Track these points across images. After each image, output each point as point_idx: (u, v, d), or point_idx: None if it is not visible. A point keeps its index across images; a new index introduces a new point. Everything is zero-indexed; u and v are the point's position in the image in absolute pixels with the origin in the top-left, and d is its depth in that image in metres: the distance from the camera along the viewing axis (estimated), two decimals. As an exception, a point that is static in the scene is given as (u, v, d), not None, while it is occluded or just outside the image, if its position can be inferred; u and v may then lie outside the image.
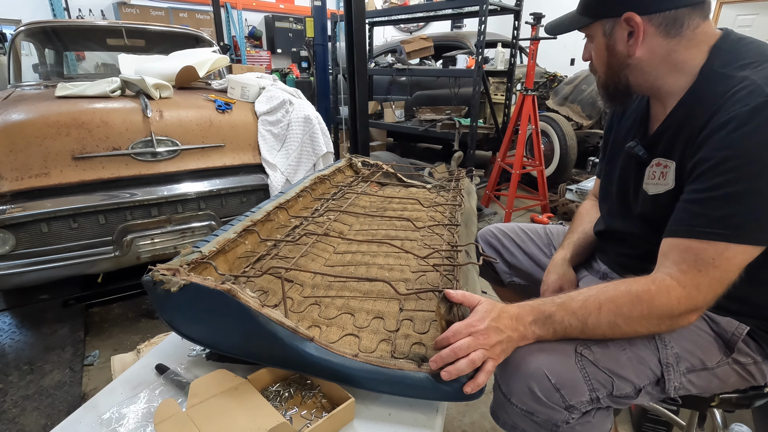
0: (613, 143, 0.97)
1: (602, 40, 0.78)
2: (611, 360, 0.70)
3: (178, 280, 0.69)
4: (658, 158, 0.78)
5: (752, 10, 5.95)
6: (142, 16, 5.81)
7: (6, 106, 1.65)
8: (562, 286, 0.97)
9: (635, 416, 1.41)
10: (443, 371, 0.62)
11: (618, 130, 0.96)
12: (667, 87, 0.76)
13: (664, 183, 0.76)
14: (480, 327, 0.64)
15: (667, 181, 0.76)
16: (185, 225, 1.84)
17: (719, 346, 0.75)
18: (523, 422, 0.71)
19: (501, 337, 0.65)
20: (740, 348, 0.75)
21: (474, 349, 0.63)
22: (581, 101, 4.08)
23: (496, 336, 0.65)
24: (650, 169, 0.80)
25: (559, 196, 3.47)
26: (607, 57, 0.78)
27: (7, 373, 1.61)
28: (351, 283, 0.88)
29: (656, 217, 0.78)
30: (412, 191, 1.47)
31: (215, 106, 1.96)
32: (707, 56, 0.72)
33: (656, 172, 0.78)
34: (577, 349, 0.70)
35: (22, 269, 1.58)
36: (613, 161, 0.95)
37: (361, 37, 2.20)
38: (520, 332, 0.68)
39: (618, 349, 0.71)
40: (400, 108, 4.39)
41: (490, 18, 3.31)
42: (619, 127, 0.96)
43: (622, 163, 0.91)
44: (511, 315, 0.68)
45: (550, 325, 0.69)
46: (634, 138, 0.86)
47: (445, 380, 0.62)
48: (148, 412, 0.66)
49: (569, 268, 0.99)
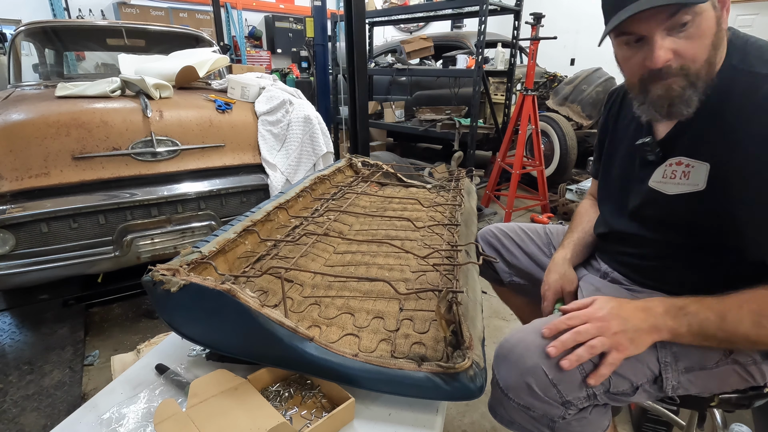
0: (610, 144, 0.96)
1: (712, 13, 0.66)
2: None
3: (178, 280, 0.69)
4: (679, 157, 0.74)
5: (752, 10, 5.94)
6: (142, 16, 5.81)
7: (6, 106, 1.65)
8: (563, 286, 0.97)
9: (635, 416, 1.41)
10: (563, 360, 0.62)
11: (615, 130, 0.95)
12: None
13: (687, 183, 0.73)
14: (598, 314, 0.64)
15: (692, 182, 0.72)
16: (185, 225, 1.84)
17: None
18: (520, 417, 0.71)
19: (625, 326, 0.65)
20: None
21: (593, 336, 0.62)
22: (581, 101, 4.08)
23: (618, 324, 0.64)
24: (666, 168, 0.77)
25: (559, 196, 3.47)
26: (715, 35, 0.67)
27: (7, 373, 1.61)
28: (351, 283, 0.88)
29: (670, 218, 0.76)
30: (412, 191, 1.47)
31: (215, 106, 1.96)
32: (726, 51, 0.70)
33: (676, 172, 0.75)
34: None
35: (22, 269, 1.58)
36: (611, 161, 0.95)
37: (361, 37, 2.21)
38: (651, 323, 0.67)
39: None
40: (400, 108, 4.39)
41: (490, 18, 3.31)
42: (616, 127, 0.95)
43: (622, 163, 0.90)
44: (636, 305, 0.68)
45: (683, 317, 0.66)
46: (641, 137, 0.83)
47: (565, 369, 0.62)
48: (148, 412, 0.66)
49: (570, 268, 0.99)
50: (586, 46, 6.70)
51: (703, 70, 0.68)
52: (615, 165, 0.93)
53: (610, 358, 0.64)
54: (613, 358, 0.64)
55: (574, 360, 0.63)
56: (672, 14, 0.64)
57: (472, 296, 0.80)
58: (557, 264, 0.99)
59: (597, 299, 0.70)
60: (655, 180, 0.79)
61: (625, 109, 0.93)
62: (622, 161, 0.90)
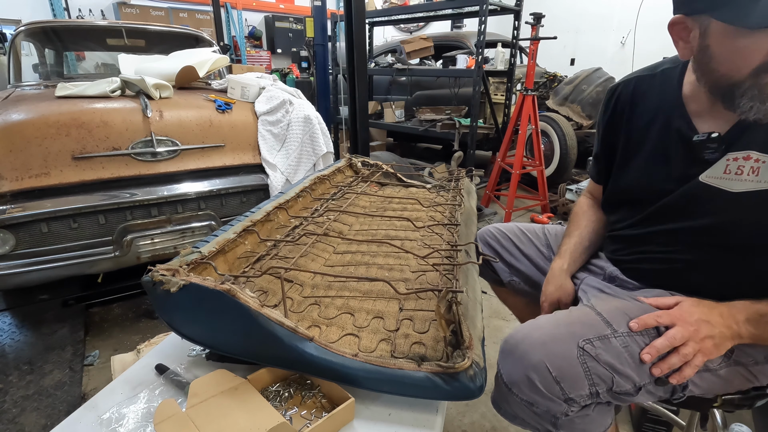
0: (627, 143, 0.91)
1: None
2: (612, 356, 0.69)
3: (177, 280, 0.69)
4: (748, 151, 0.71)
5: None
6: (142, 16, 5.81)
7: (6, 106, 1.65)
8: (560, 297, 0.98)
9: (635, 416, 1.41)
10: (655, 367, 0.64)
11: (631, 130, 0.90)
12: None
13: (757, 180, 0.70)
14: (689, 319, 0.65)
15: (762, 178, 0.70)
16: (185, 225, 1.84)
17: None
18: (523, 412, 0.72)
19: (713, 332, 0.66)
20: (742, 348, 0.75)
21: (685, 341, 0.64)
22: (581, 101, 4.08)
23: (707, 330, 0.66)
24: (729, 163, 0.73)
25: (559, 196, 3.47)
26: None
27: (7, 373, 1.61)
28: (351, 282, 0.88)
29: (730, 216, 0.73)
30: (412, 191, 1.47)
31: (215, 106, 1.96)
32: None
33: (743, 167, 0.71)
34: (579, 344, 0.70)
35: (22, 269, 1.58)
36: (629, 163, 0.90)
37: (361, 37, 2.21)
38: (734, 330, 0.68)
39: (620, 346, 0.71)
40: (400, 108, 4.39)
41: (490, 18, 3.31)
42: (630, 126, 0.90)
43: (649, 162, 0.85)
44: (721, 312, 0.69)
45: (765, 325, 0.68)
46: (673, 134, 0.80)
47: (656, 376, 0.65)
48: (148, 412, 0.66)
49: (567, 279, 0.99)
50: (586, 46, 6.70)
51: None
52: (636, 165, 0.88)
53: (696, 360, 0.66)
54: (699, 360, 0.66)
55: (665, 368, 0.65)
56: None
57: (472, 296, 0.80)
58: (555, 275, 0.99)
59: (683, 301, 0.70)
60: (711, 176, 0.75)
61: (640, 107, 0.89)
62: (649, 160, 0.86)
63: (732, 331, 0.68)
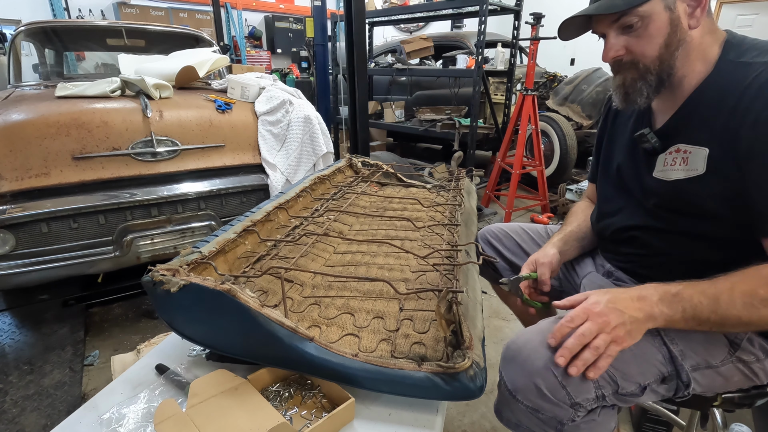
0: (608, 141, 0.98)
1: (665, 15, 0.73)
2: (617, 358, 0.69)
3: (177, 280, 0.69)
4: (678, 144, 0.78)
5: (752, 10, 5.94)
6: (142, 16, 5.80)
7: (6, 106, 1.65)
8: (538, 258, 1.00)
9: (635, 416, 1.41)
10: (570, 367, 0.64)
11: (614, 126, 0.97)
12: (690, 74, 0.77)
13: (686, 168, 0.76)
14: (596, 309, 0.65)
15: (691, 167, 0.76)
16: (185, 225, 1.84)
17: (724, 343, 0.75)
18: (528, 420, 0.71)
19: (623, 319, 0.65)
20: (745, 346, 0.75)
21: (596, 334, 0.64)
22: (581, 101, 4.08)
23: (617, 317, 0.65)
24: (667, 156, 0.80)
25: (559, 196, 3.47)
26: (668, 35, 0.74)
27: (7, 373, 1.61)
28: (351, 283, 0.88)
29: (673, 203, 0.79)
30: (412, 191, 1.47)
31: (215, 106, 1.96)
32: (721, 48, 0.75)
33: (676, 159, 0.78)
34: None
35: (22, 269, 1.58)
36: (610, 158, 0.96)
37: (361, 37, 2.21)
38: (646, 312, 0.67)
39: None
40: (400, 108, 4.38)
41: (490, 18, 3.31)
42: (614, 123, 0.97)
43: (623, 157, 0.91)
44: (632, 296, 0.68)
45: (678, 303, 0.67)
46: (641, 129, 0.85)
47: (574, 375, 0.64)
48: (148, 412, 0.66)
49: (551, 247, 1.02)
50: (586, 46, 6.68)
51: (653, 66, 0.76)
52: (615, 160, 0.94)
53: (609, 350, 0.65)
54: (612, 350, 0.65)
55: (580, 365, 0.64)
56: (617, 18, 0.75)
57: (472, 296, 0.80)
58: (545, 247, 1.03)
59: (591, 294, 0.70)
60: (657, 170, 0.82)
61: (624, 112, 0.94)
62: (623, 156, 0.91)
63: (645, 313, 0.67)
